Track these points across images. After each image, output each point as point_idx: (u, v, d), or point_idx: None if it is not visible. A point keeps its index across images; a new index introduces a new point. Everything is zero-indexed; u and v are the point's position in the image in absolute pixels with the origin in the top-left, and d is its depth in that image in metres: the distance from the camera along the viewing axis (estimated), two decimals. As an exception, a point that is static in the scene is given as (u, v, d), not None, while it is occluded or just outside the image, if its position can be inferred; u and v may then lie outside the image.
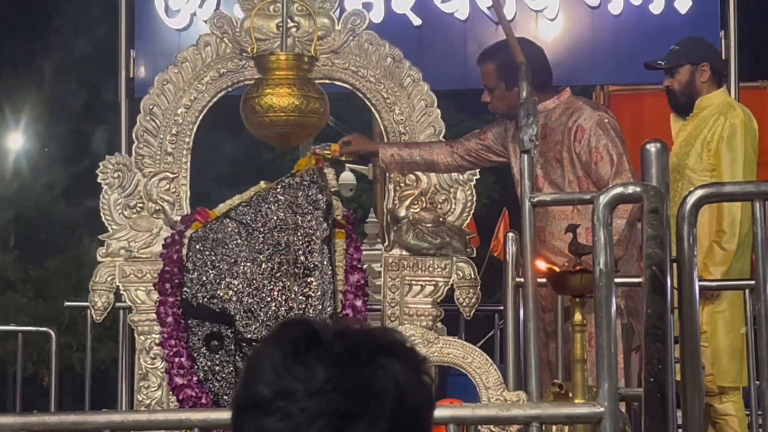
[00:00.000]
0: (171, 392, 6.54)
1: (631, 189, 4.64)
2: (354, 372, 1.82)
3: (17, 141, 24.51)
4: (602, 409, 4.30)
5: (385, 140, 7.04)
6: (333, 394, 1.80)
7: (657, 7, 9.49)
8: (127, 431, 4.75)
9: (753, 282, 4.84)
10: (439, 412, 3.81)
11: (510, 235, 6.86)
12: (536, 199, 5.94)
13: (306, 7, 7.01)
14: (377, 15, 9.44)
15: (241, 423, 1.86)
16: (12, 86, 23.77)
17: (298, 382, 1.81)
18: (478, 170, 7.13)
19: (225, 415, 4.66)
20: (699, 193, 4.57)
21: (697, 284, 4.48)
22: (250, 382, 1.86)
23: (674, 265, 4.39)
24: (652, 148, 4.47)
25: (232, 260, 6.60)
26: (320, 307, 6.44)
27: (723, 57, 8.82)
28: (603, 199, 4.52)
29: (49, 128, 23.95)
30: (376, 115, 7.16)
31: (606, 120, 6.98)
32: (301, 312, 6.45)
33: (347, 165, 8.54)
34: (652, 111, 8.33)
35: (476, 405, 6.02)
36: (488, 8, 8.31)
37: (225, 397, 6.43)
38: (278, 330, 1.90)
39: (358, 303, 6.59)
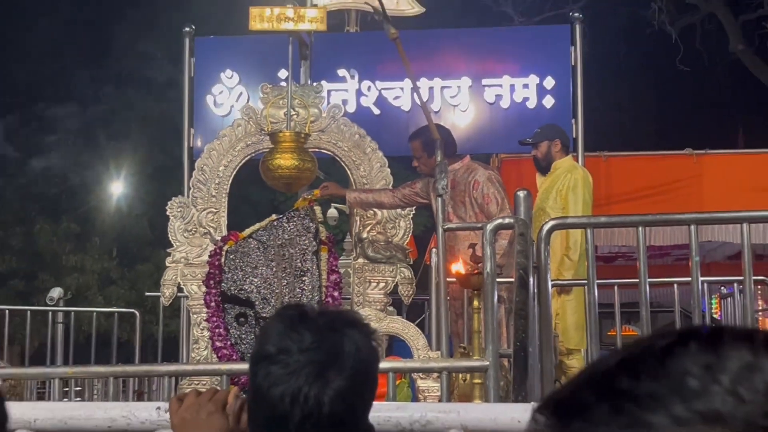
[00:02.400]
0: (213, 352, 6.54)
1: (507, 220, 4.69)
2: (330, 337, 1.86)
3: (118, 188, 24.43)
4: (488, 363, 4.33)
5: (353, 187, 7.06)
6: (316, 351, 1.83)
7: (531, 104, 9.49)
8: (181, 376, 4.77)
9: (588, 281, 4.86)
10: (383, 365, 3.83)
11: (434, 250, 6.91)
12: (446, 227, 6.02)
13: (303, 102, 7.03)
14: (351, 107, 9.43)
15: (256, 370, 1.87)
16: (114, 152, 23.70)
17: (293, 343, 1.84)
18: (415, 207, 7.17)
19: (244, 366, 4.67)
20: (551, 223, 4.61)
21: (549, 282, 4.53)
22: (262, 343, 1.90)
23: (536, 269, 4.43)
24: (521, 193, 4.52)
25: (254, 266, 6.61)
26: (310, 296, 6.45)
27: (573, 136, 8.85)
28: (489, 227, 4.57)
29: (139, 179, 23.85)
30: (348, 172, 7.17)
31: (493, 176, 7.11)
32: (298, 299, 6.45)
33: (332, 204, 8.47)
34: (528, 171, 8.36)
35: (408, 360, 6.06)
36: (420, 104, 8.30)
37: (248, 355, 6.44)
38: (281, 310, 1.95)
39: (336, 294, 6.60)
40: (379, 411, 2.36)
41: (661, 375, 0.63)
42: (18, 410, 2.68)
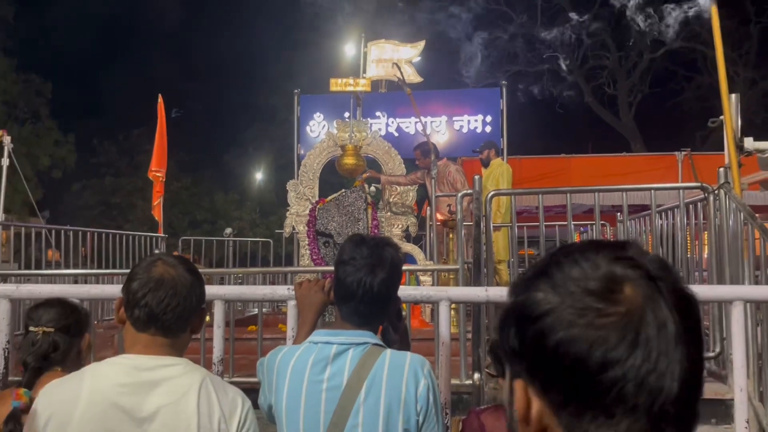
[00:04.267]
0: (312, 261, 6.55)
1: (469, 192, 4.66)
2: (377, 251, 1.81)
3: (259, 175, 24.47)
4: (458, 267, 4.32)
5: (385, 174, 7.03)
6: (370, 258, 1.79)
7: (479, 130, 9.44)
8: (295, 274, 4.83)
9: (511, 224, 4.83)
10: (403, 268, 3.82)
11: (428, 208, 6.85)
12: (436, 195, 5.96)
13: (358, 129, 6.99)
14: (383, 132, 9.38)
15: (337, 268, 1.82)
16: (257, 156, 23.73)
17: (358, 254, 1.79)
18: (417, 185, 7.11)
19: (330, 268, 4.67)
20: (492, 193, 4.57)
21: (491, 225, 4.50)
22: (341, 254, 1.84)
23: (484, 218, 4.40)
24: (476, 177, 4.48)
25: (332, 216, 6.58)
26: (362, 232, 6.44)
27: (502, 147, 8.78)
28: (459, 195, 4.54)
29: (272, 173, 23.87)
30: (382, 166, 7.14)
31: (459, 168, 7.11)
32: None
33: (373, 184, 8.45)
34: (477, 166, 8.27)
35: (414, 266, 6.04)
36: (421, 130, 8.24)
37: (332, 263, 6.43)
38: (350, 237, 1.91)
39: (376, 231, 6.57)
40: (404, 291, 2.36)
41: (546, 265, 0.66)
42: (214, 290, 2.71)
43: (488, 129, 9.50)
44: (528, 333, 0.64)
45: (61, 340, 2.06)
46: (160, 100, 9.39)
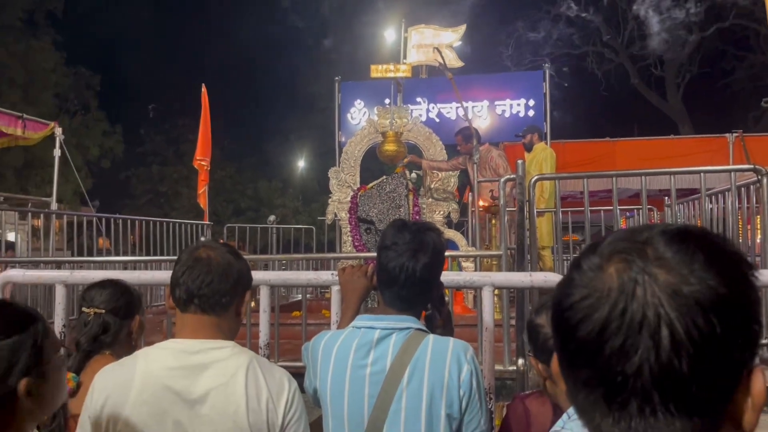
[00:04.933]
0: (354, 247, 6.58)
1: (511, 177, 4.60)
2: (419, 236, 1.80)
3: (302, 163, 24.65)
4: (501, 252, 4.28)
5: (425, 159, 6.98)
6: (412, 243, 1.78)
7: (521, 114, 9.30)
8: (336, 260, 4.85)
9: (555, 209, 4.75)
10: (446, 253, 3.79)
11: (470, 194, 6.80)
12: (479, 180, 5.90)
13: (399, 115, 6.97)
14: (423, 118, 9.33)
15: (380, 254, 1.82)
16: (299, 144, 23.88)
17: (400, 239, 1.79)
18: (459, 170, 7.04)
19: (372, 254, 4.66)
20: (535, 178, 4.49)
21: (535, 210, 4.44)
22: (383, 239, 1.84)
23: (527, 203, 4.34)
24: (519, 162, 4.40)
25: (374, 203, 6.59)
26: (404, 218, 6.41)
27: (545, 131, 8.65)
28: (502, 180, 4.49)
29: (313, 160, 24.00)
30: (423, 152, 7.10)
31: (501, 153, 6.92)
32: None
33: (413, 170, 8.40)
34: (520, 150, 8.15)
35: (456, 251, 6.01)
36: (462, 115, 8.15)
37: (373, 249, 6.43)
38: (392, 222, 1.90)
39: (417, 218, 6.54)
40: (447, 276, 2.35)
41: (585, 254, 0.70)
42: (259, 276, 2.75)
43: (531, 113, 9.36)
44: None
45: (112, 321, 2.11)
46: (203, 89, 9.53)
